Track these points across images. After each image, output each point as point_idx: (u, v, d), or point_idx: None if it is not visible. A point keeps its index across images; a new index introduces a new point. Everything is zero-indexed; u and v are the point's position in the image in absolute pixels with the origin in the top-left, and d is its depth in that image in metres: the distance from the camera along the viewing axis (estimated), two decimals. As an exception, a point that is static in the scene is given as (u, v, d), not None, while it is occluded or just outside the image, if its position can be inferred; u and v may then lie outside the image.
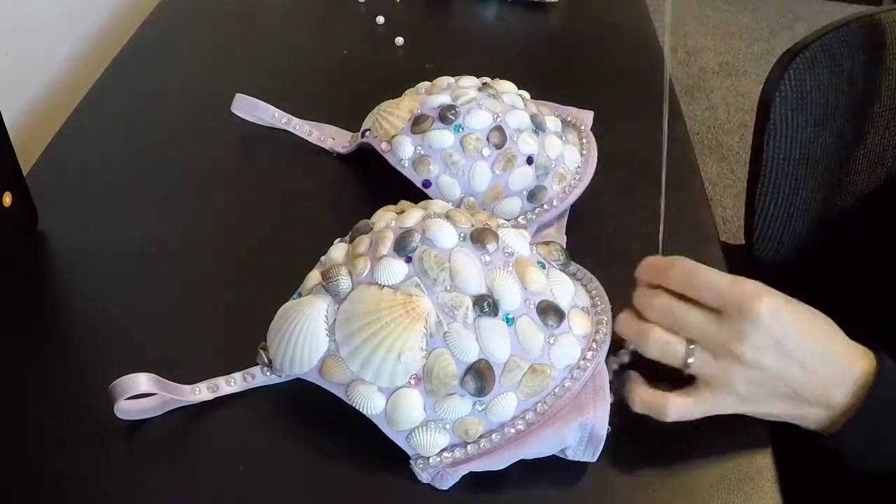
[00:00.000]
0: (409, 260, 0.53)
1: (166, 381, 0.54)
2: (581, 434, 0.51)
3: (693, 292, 0.50)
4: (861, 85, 0.85)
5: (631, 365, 0.54)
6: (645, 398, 0.51)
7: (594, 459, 0.52)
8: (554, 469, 0.52)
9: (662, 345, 0.50)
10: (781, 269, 0.94)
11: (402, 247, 0.53)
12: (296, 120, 0.80)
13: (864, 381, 0.50)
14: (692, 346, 0.50)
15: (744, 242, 0.94)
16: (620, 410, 0.53)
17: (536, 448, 0.51)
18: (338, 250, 0.57)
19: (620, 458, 0.53)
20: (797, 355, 0.49)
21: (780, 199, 0.89)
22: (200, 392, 0.55)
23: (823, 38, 0.83)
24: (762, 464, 0.52)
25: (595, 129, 0.75)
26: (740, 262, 0.69)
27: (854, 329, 0.53)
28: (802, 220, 0.92)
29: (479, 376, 0.51)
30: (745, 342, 0.48)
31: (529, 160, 0.66)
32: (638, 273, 0.53)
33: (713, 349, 0.49)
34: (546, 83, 0.81)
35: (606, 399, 0.52)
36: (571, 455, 0.52)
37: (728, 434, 0.53)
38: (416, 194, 0.65)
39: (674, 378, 0.51)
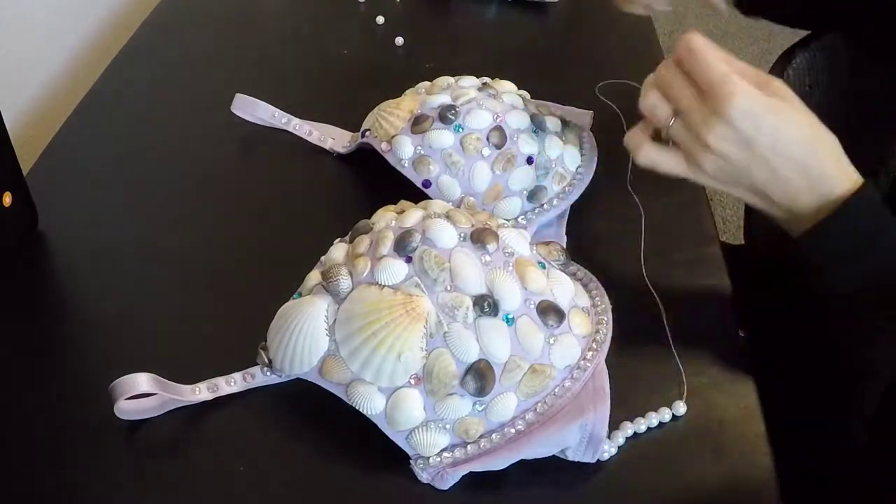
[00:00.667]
0: (409, 260, 0.53)
1: (166, 381, 0.54)
2: (581, 435, 0.51)
3: (688, 68, 0.52)
4: (861, 85, 0.85)
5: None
6: (628, 136, 0.56)
7: (594, 460, 0.52)
8: (554, 469, 0.52)
9: (652, 105, 0.54)
10: (782, 269, 0.94)
11: (402, 247, 0.53)
12: (296, 120, 0.80)
13: (838, 199, 0.52)
14: (674, 119, 0.53)
15: (744, 242, 0.94)
16: (619, 411, 0.53)
17: (536, 448, 0.51)
18: (338, 250, 0.57)
19: (620, 458, 0.53)
20: (764, 157, 0.51)
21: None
22: (200, 392, 0.55)
23: (823, 38, 0.82)
24: (762, 464, 0.52)
25: (595, 129, 0.75)
26: (740, 262, 0.69)
27: (854, 330, 0.53)
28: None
29: (480, 376, 0.51)
30: (711, 131, 0.51)
31: (529, 160, 0.66)
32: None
33: (689, 125, 0.52)
34: (546, 83, 0.81)
35: (606, 400, 0.52)
36: (571, 456, 0.52)
37: (728, 434, 0.54)
38: (416, 194, 0.65)
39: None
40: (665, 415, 0.54)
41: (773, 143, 0.51)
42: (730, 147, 0.51)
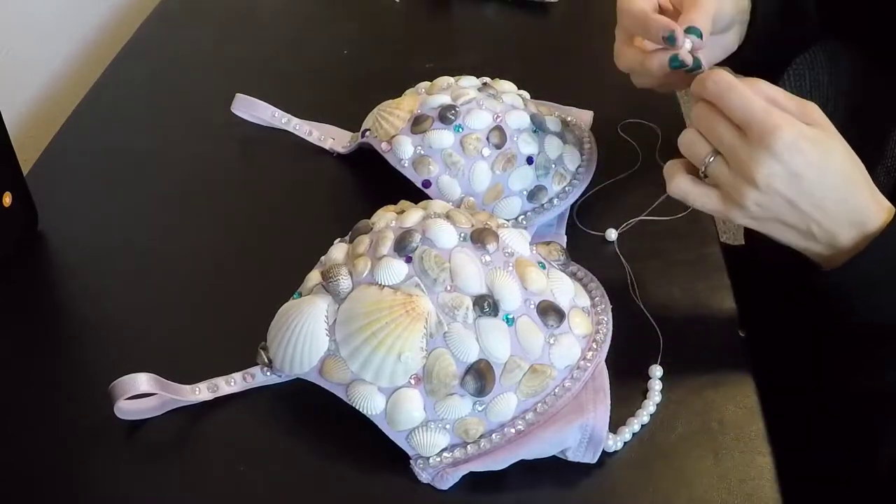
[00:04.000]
0: (409, 260, 0.53)
1: (166, 381, 0.54)
2: (581, 435, 0.51)
3: (724, 109, 0.51)
4: (861, 85, 0.85)
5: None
6: (667, 164, 0.55)
7: (594, 461, 0.52)
8: (554, 469, 0.52)
9: (689, 143, 0.53)
10: (782, 270, 0.94)
11: (402, 247, 0.53)
12: (296, 120, 0.79)
13: (876, 231, 0.51)
14: (714, 156, 0.52)
15: (744, 243, 0.94)
16: (620, 411, 0.53)
17: (536, 449, 0.51)
18: (338, 250, 0.57)
19: (620, 458, 0.53)
20: (810, 191, 0.50)
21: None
22: (200, 392, 0.55)
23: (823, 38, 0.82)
24: (762, 464, 0.52)
25: (595, 129, 0.75)
26: (740, 262, 0.69)
27: (853, 329, 0.53)
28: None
29: (480, 376, 0.51)
30: (760, 168, 0.49)
31: (529, 160, 0.66)
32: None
33: (732, 163, 0.51)
34: (546, 83, 0.81)
35: (606, 400, 0.52)
36: (571, 456, 0.52)
37: (728, 434, 0.54)
38: (416, 194, 0.65)
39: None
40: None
41: (819, 176, 0.50)
42: (777, 183, 0.50)
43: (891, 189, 0.67)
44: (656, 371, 0.56)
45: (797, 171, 0.49)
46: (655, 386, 0.55)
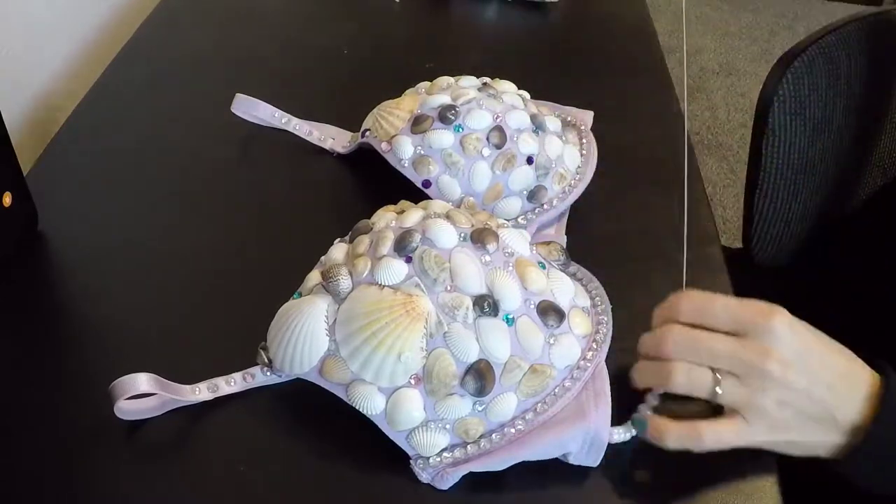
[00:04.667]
0: (409, 260, 0.53)
1: (166, 381, 0.54)
2: (583, 440, 0.51)
3: (708, 320, 0.49)
4: (859, 87, 0.85)
5: (659, 409, 0.52)
6: (678, 432, 0.49)
7: (596, 464, 0.52)
8: (554, 469, 0.52)
9: (690, 376, 0.49)
10: (780, 272, 0.94)
11: (402, 247, 0.53)
12: (296, 120, 0.80)
13: (872, 399, 0.49)
14: (719, 375, 0.48)
15: (741, 246, 0.94)
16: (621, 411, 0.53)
17: (537, 451, 0.51)
18: (338, 250, 0.57)
19: (620, 459, 0.53)
20: (820, 372, 0.48)
21: (778, 204, 0.89)
22: (200, 392, 0.55)
23: (821, 41, 0.83)
24: (762, 464, 0.52)
25: (595, 128, 0.75)
26: (739, 265, 0.70)
27: (853, 335, 0.53)
28: (801, 224, 0.92)
29: (480, 376, 0.51)
30: (771, 358, 0.47)
31: (529, 160, 0.66)
32: (654, 324, 0.52)
33: (740, 373, 0.48)
34: (546, 83, 0.81)
35: (607, 404, 0.52)
36: (573, 460, 0.52)
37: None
38: (416, 194, 0.65)
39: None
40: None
41: (819, 352, 0.48)
42: (791, 369, 0.47)
43: (882, 189, 0.67)
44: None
45: (802, 351, 0.47)
46: None
